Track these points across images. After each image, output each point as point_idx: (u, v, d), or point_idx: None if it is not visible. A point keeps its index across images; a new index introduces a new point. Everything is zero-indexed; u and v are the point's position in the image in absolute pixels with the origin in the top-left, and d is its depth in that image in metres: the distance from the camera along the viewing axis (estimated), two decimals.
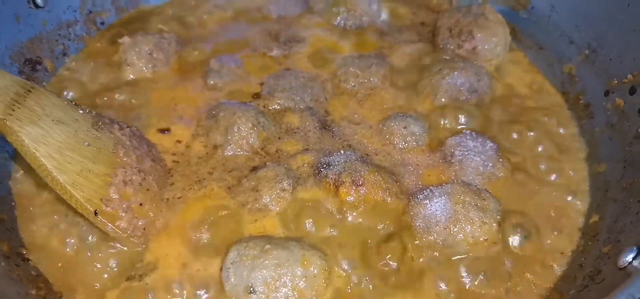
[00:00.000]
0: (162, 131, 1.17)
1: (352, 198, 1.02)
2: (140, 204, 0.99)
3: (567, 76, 1.31)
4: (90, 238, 0.98)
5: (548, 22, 1.39)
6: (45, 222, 1.01)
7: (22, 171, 1.08)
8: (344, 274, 0.94)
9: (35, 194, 1.05)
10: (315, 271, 0.89)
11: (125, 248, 0.97)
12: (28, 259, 0.95)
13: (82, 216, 0.95)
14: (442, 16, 1.43)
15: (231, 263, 0.90)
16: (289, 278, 0.87)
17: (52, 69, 1.29)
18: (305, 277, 0.88)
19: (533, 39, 1.41)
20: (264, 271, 0.87)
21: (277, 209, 1.01)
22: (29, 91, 0.97)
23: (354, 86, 1.29)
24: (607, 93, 1.18)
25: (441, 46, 1.39)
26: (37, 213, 1.02)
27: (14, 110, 0.92)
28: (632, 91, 1.11)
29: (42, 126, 0.94)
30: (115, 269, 0.95)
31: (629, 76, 1.12)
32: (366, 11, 1.50)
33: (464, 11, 1.40)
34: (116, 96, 1.24)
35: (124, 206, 0.96)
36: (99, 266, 0.95)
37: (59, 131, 0.96)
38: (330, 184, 1.03)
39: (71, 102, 1.04)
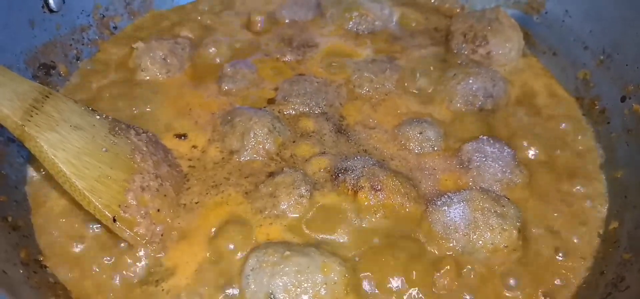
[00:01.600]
0: (179, 136, 1.16)
1: (370, 203, 1.01)
2: (158, 210, 0.98)
3: (581, 81, 1.31)
4: (107, 244, 0.97)
5: (562, 27, 1.38)
6: (62, 229, 1.00)
7: (38, 176, 1.07)
8: (364, 281, 0.93)
9: (51, 200, 1.04)
10: (336, 278, 0.88)
11: (143, 254, 0.96)
12: (45, 266, 0.95)
13: (99, 222, 0.95)
14: (455, 21, 1.43)
15: (251, 270, 0.90)
16: (309, 284, 0.86)
17: (66, 74, 1.29)
18: (326, 284, 0.87)
19: (547, 44, 1.41)
20: (285, 278, 0.87)
21: (295, 215, 1.01)
22: (46, 96, 0.97)
23: (368, 90, 1.29)
24: (623, 99, 1.17)
25: (455, 51, 1.39)
26: (54, 219, 1.01)
27: (32, 116, 0.92)
28: None
29: (60, 131, 0.94)
30: (133, 275, 0.94)
31: None
32: (379, 16, 1.49)
33: (477, 16, 1.40)
34: (130, 101, 1.24)
35: (142, 212, 0.96)
36: (116, 272, 0.94)
37: (76, 136, 0.95)
38: (348, 189, 1.03)
39: (88, 107, 1.03)
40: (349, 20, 1.48)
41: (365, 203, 1.01)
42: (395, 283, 0.93)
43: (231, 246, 0.97)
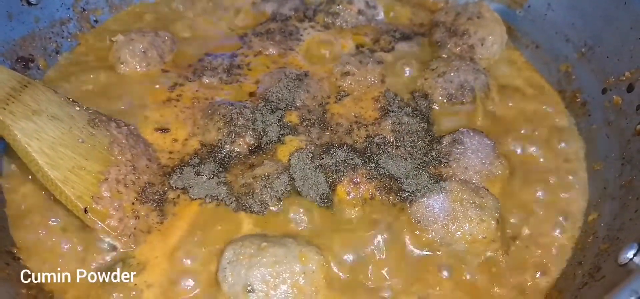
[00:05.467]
0: (160, 130, 1.15)
1: (350, 196, 1.01)
2: (133, 203, 0.97)
3: (563, 74, 1.31)
4: (81, 238, 0.95)
5: (544, 21, 1.38)
6: (37, 221, 0.98)
7: (13, 169, 1.06)
8: (342, 270, 0.93)
9: (26, 193, 1.02)
10: (314, 267, 0.88)
11: (117, 248, 0.94)
12: (19, 258, 0.93)
13: (73, 213, 0.93)
14: (439, 15, 1.43)
15: (228, 263, 0.89)
16: (288, 274, 0.86)
17: (44, 67, 1.27)
18: (304, 273, 0.86)
19: (529, 37, 1.41)
20: (262, 269, 0.86)
21: (274, 207, 1.00)
22: (25, 85, 0.97)
23: (351, 83, 1.28)
24: (604, 91, 1.18)
25: (438, 45, 1.38)
26: (29, 212, 1.00)
27: (8, 104, 0.91)
28: (630, 89, 1.10)
29: (36, 121, 0.93)
30: (106, 269, 0.92)
31: (627, 74, 1.12)
32: (363, 10, 1.49)
33: (460, 10, 1.40)
34: (109, 94, 1.22)
35: (116, 204, 0.94)
36: (89, 265, 0.93)
37: (53, 126, 0.94)
38: (328, 182, 1.02)
39: (68, 98, 1.02)
40: (332, 14, 1.47)
41: (345, 196, 1.01)
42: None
43: (207, 239, 0.96)
